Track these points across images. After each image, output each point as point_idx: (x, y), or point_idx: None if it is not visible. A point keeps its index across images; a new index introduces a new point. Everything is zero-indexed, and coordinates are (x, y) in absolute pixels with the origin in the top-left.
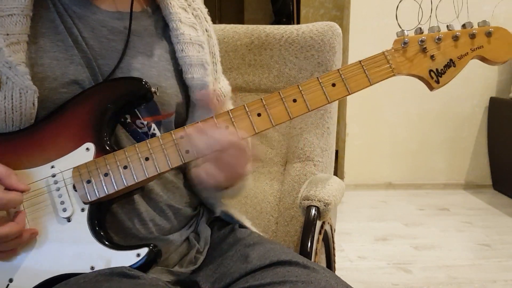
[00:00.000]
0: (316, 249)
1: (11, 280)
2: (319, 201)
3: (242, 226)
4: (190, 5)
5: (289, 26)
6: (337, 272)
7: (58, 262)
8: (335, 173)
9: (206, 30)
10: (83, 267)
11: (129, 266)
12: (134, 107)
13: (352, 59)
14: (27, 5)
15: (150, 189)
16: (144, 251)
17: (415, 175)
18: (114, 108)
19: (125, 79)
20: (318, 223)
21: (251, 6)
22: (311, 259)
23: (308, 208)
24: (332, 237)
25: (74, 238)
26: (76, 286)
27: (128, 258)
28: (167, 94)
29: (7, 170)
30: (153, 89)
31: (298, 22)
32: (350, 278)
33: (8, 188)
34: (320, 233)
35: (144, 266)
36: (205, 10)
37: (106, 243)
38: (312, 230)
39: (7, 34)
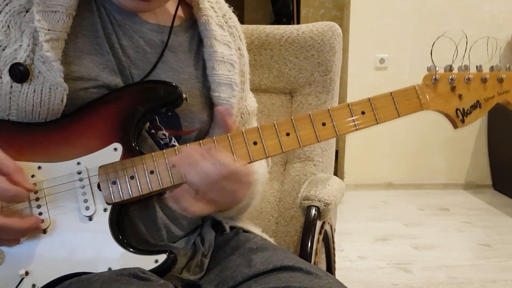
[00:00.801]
0: (316, 249)
1: (27, 273)
2: (319, 201)
3: (245, 230)
4: (227, 22)
5: (289, 26)
6: (337, 272)
7: (76, 260)
8: (335, 173)
9: (239, 49)
10: (100, 268)
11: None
12: (163, 111)
13: (352, 59)
14: (72, 4)
15: (165, 197)
16: (162, 257)
17: (415, 175)
18: (144, 110)
19: (157, 82)
20: (318, 223)
21: (251, 6)
22: (311, 259)
23: (308, 208)
24: (332, 237)
25: (94, 238)
26: (87, 283)
27: (146, 263)
28: (191, 112)
29: (15, 165)
30: (184, 95)
31: (298, 22)
32: (350, 278)
33: (14, 184)
34: (320, 233)
35: (160, 272)
36: (240, 28)
37: (126, 246)
38: (312, 230)
39: (49, 30)
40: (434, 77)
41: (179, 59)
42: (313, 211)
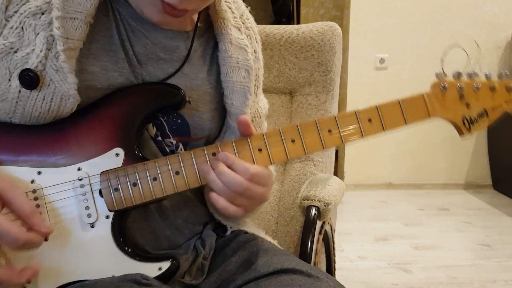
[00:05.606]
0: (316, 249)
1: (29, 282)
2: (319, 201)
3: (246, 232)
4: (244, 23)
5: (289, 26)
6: (337, 272)
7: (79, 268)
8: (335, 173)
9: (255, 51)
10: (104, 276)
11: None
12: (165, 113)
13: (352, 59)
14: (91, 12)
15: (167, 207)
16: (166, 265)
17: (415, 175)
18: (145, 114)
19: (159, 84)
20: (318, 223)
21: (251, 6)
22: (311, 259)
23: (308, 208)
24: (332, 237)
25: (96, 245)
26: None
27: (150, 270)
28: (201, 119)
29: (31, 208)
30: (187, 98)
31: (298, 22)
32: (350, 278)
33: (30, 228)
34: (320, 233)
35: (164, 279)
36: (256, 30)
37: (129, 253)
38: (312, 230)
39: (67, 38)
40: (442, 85)
41: (192, 64)
42: (313, 211)
